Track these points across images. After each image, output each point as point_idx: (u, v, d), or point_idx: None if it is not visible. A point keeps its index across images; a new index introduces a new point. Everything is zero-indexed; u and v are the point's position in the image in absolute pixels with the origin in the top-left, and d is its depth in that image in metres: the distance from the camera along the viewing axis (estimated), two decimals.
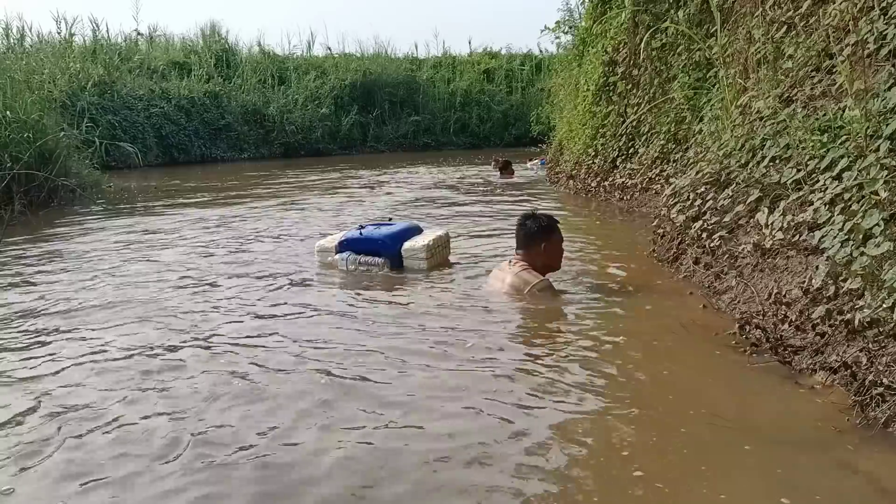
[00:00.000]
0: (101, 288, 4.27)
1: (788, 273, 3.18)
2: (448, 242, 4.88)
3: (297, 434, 2.20)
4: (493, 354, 2.91)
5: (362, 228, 4.70)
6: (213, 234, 6.36)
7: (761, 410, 2.33)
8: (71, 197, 8.95)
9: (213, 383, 2.63)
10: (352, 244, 4.58)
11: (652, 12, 7.47)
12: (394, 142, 23.43)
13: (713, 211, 4.07)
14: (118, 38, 21.17)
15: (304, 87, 21.91)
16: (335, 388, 2.57)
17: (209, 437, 2.19)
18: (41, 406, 2.47)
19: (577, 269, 4.49)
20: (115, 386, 2.64)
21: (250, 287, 4.21)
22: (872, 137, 2.92)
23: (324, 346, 3.06)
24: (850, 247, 2.67)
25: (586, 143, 9.01)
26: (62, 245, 5.93)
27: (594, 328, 3.27)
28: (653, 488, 1.87)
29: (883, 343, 2.33)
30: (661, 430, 2.20)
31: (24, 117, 8.55)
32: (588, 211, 7.65)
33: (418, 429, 2.23)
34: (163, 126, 18.00)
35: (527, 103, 23.38)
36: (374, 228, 4.70)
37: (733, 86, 5.04)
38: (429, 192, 10.05)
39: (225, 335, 3.24)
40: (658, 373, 2.73)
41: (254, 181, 12.70)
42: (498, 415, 2.32)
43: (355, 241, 4.57)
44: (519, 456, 2.04)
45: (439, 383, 2.61)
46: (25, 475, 1.99)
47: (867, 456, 1.99)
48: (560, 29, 11.44)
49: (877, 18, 3.45)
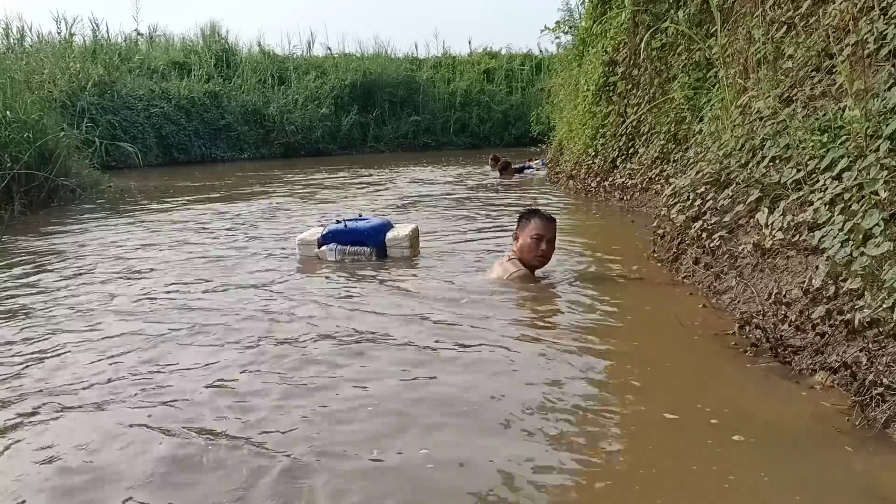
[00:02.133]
0: (100, 287, 4.27)
1: (788, 273, 3.18)
2: (419, 235, 5.26)
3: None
4: (490, 354, 2.92)
5: (340, 223, 4.98)
6: (213, 233, 6.36)
7: (761, 410, 2.33)
8: (71, 197, 8.95)
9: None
10: (337, 236, 4.86)
11: (652, 12, 7.47)
12: (394, 142, 23.43)
13: (713, 211, 4.07)
14: (118, 38, 21.16)
15: (304, 87, 21.89)
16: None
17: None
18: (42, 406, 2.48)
19: (576, 269, 4.49)
20: (118, 385, 2.64)
21: (250, 287, 4.22)
22: (872, 137, 2.92)
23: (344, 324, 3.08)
24: (850, 247, 2.67)
25: (586, 143, 9.01)
26: (62, 245, 5.93)
27: (593, 328, 3.27)
28: (651, 488, 1.87)
29: (883, 343, 2.33)
30: (660, 430, 2.20)
31: (24, 117, 8.53)
32: (588, 211, 7.65)
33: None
34: (163, 126, 17.99)
35: (527, 103, 23.37)
36: (355, 222, 5.00)
37: (733, 86, 5.04)
38: (430, 191, 10.06)
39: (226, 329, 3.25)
40: (657, 372, 2.73)
41: (254, 181, 12.70)
42: (497, 419, 2.32)
43: (340, 233, 4.87)
44: (516, 455, 2.04)
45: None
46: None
47: (867, 456, 1.99)
48: (560, 29, 11.44)
49: (877, 18, 3.45)
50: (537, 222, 4.02)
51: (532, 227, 4.02)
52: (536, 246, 4.00)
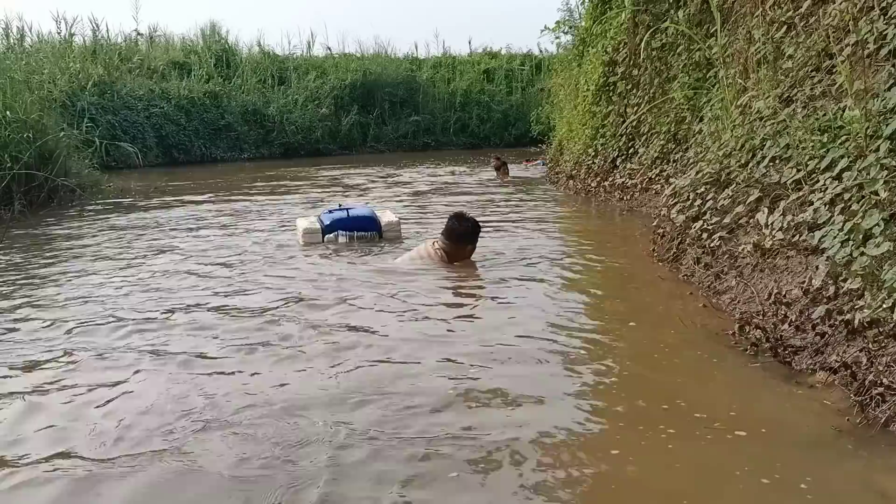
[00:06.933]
0: (100, 287, 4.27)
1: (788, 273, 3.18)
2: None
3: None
4: (490, 354, 2.92)
5: (338, 210, 5.64)
6: (212, 233, 6.36)
7: (761, 410, 2.33)
8: (71, 197, 8.93)
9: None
10: (342, 223, 5.51)
11: (652, 12, 7.46)
12: (394, 142, 23.39)
13: (713, 211, 4.07)
14: (118, 38, 21.08)
15: (304, 87, 21.86)
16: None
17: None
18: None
19: (576, 269, 4.49)
20: (120, 385, 2.65)
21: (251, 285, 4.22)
22: (872, 137, 2.92)
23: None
24: (850, 247, 2.67)
25: (586, 143, 9.00)
26: (62, 245, 5.93)
27: (593, 327, 3.27)
28: (650, 488, 1.87)
29: (883, 343, 2.33)
30: (659, 430, 2.20)
31: (24, 117, 8.52)
32: (588, 211, 7.65)
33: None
34: (163, 126, 17.96)
35: (527, 103, 23.31)
36: (353, 210, 5.70)
37: (733, 86, 5.04)
38: (430, 191, 10.05)
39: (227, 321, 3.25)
40: (657, 372, 2.73)
41: (252, 180, 12.69)
42: (499, 422, 2.32)
43: (344, 220, 5.53)
44: (512, 451, 2.04)
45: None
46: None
47: (867, 456, 1.99)
48: (560, 29, 11.41)
49: (877, 18, 3.45)
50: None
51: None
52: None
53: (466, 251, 4.61)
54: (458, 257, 4.56)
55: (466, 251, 4.61)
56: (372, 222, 5.62)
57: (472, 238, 4.63)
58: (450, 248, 4.53)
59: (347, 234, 5.48)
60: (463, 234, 4.57)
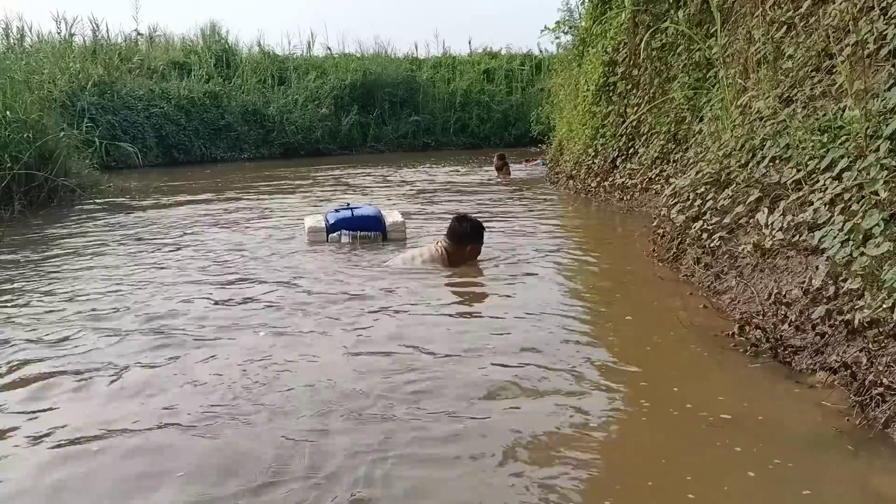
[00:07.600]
0: (100, 287, 4.26)
1: (788, 273, 3.18)
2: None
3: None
4: (487, 353, 2.92)
5: (345, 209, 5.60)
6: (212, 232, 6.35)
7: (761, 410, 2.33)
8: (71, 197, 8.93)
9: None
10: (346, 223, 5.49)
11: (652, 12, 7.46)
12: (394, 142, 23.38)
13: (713, 211, 4.07)
14: (118, 38, 21.07)
15: (304, 87, 21.86)
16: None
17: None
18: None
19: (576, 269, 4.49)
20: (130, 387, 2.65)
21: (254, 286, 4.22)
22: (872, 137, 2.92)
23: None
24: (850, 247, 2.67)
25: (586, 143, 9.00)
26: (62, 245, 5.92)
27: (593, 327, 3.27)
28: (650, 487, 1.88)
29: (883, 343, 2.33)
30: (659, 430, 2.21)
31: (24, 117, 8.52)
32: (588, 211, 7.65)
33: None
34: (163, 126, 17.95)
35: (527, 103, 23.31)
36: (358, 210, 5.65)
37: (733, 86, 5.04)
38: (431, 190, 10.05)
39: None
40: (657, 372, 2.73)
41: (252, 180, 12.69)
42: (497, 418, 2.32)
43: (349, 220, 5.50)
44: (510, 448, 2.04)
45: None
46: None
47: (867, 456, 1.99)
48: (560, 29, 11.40)
49: (877, 18, 3.45)
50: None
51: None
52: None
53: (469, 252, 4.60)
54: (461, 258, 4.56)
55: (469, 252, 4.60)
56: (376, 222, 5.59)
57: (474, 239, 4.63)
58: (452, 248, 4.55)
59: (350, 234, 5.48)
60: (464, 236, 4.57)
